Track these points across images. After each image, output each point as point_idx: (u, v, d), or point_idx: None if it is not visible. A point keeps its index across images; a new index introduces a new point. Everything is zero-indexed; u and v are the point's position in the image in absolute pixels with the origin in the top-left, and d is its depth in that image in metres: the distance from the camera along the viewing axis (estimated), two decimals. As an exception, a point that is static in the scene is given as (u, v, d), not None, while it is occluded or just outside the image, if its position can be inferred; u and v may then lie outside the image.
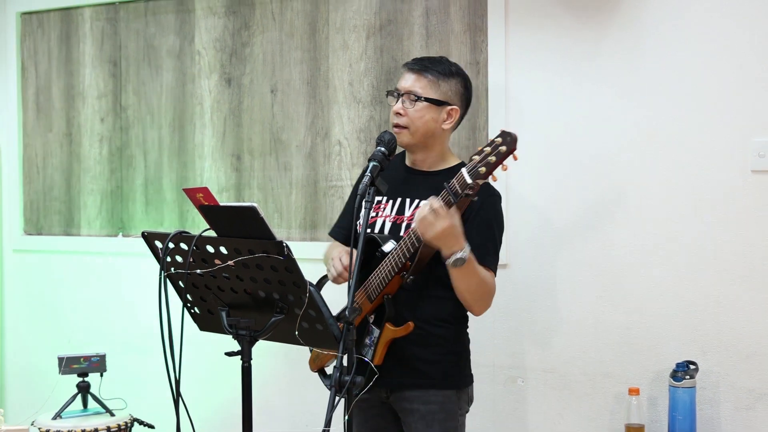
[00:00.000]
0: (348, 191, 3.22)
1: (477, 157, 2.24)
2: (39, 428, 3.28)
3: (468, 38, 3.20)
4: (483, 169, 2.22)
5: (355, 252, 2.36)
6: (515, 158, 2.24)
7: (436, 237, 2.28)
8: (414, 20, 3.29)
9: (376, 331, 2.44)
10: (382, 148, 2.37)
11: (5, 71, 4.14)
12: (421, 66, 2.53)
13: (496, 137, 2.23)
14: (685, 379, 2.65)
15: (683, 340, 2.85)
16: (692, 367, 2.67)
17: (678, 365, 2.68)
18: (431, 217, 2.27)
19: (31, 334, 4.12)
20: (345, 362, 2.27)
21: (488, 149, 2.22)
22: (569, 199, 3.03)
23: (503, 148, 2.21)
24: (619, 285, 2.96)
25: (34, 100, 4.14)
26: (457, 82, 2.55)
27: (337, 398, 2.07)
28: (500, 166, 2.25)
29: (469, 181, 2.23)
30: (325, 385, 2.29)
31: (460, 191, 2.24)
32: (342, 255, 2.53)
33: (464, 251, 2.30)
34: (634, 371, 2.91)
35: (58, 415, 3.32)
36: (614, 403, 2.94)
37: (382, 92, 3.25)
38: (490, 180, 2.31)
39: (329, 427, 2.02)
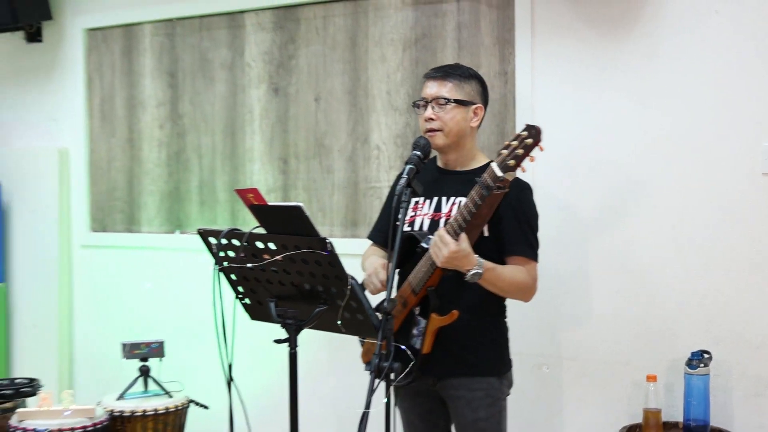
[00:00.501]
0: (385, 192, 3.22)
1: (505, 151, 2.21)
2: (104, 408, 3.27)
3: (497, 50, 3.19)
4: (512, 162, 2.20)
5: (389, 250, 2.31)
6: (541, 149, 2.22)
7: (446, 262, 2.27)
8: (447, 34, 3.29)
9: (423, 322, 2.43)
10: (418, 152, 2.37)
11: (73, 82, 4.18)
12: (443, 73, 2.52)
13: (522, 131, 2.21)
14: (699, 367, 2.64)
15: (697, 331, 2.83)
16: (706, 356, 2.66)
17: (693, 354, 2.67)
18: (438, 245, 2.27)
19: (97, 323, 4.15)
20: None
21: (515, 143, 2.20)
22: (590, 200, 3.03)
23: (530, 140, 2.18)
24: (636, 280, 2.95)
25: (99, 108, 4.16)
26: (476, 83, 2.54)
27: (376, 382, 2.06)
28: (527, 156, 2.22)
29: (499, 174, 2.20)
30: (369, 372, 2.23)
31: (492, 184, 2.21)
32: (378, 272, 2.50)
33: (476, 268, 2.29)
34: (651, 359, 2.90)
35: (121, 396, 3.34)
36: (633, 389, 2.93)
37: (417, 101, 3.25)
38: (519, 172, 2.27)
39: (369, 408, 2.01)
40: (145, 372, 3.40)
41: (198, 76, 3.89)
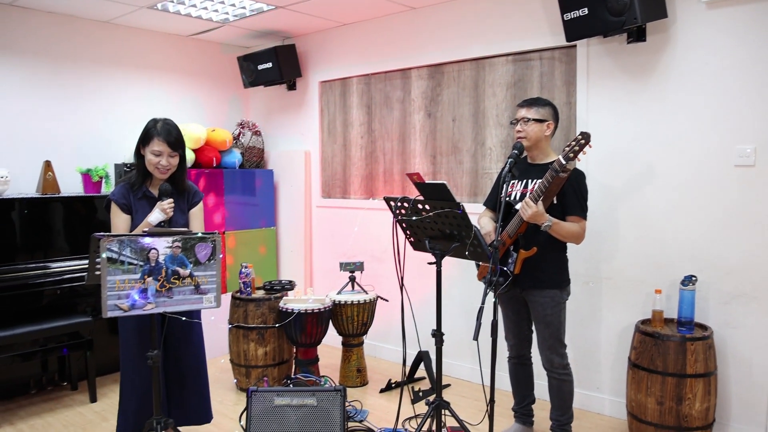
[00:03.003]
0: (495, 176, 3.38)
1: (567, 148, 2.26)
2: (330, 299, 3.46)
3: (565, 89, 3.22)
4: (572, 154, 2.23)
5: (497, 211, 2.45)
6: (590, 146, 2.27)
7: (530, 218, 2.35)
8: (534, 79, 3.33)
9: (515, 255, 2.47)
10: (515, 151, 2.41)
11: (312, 112, 4.42)
12: (528, 103, 2.54)
13: (578, 135, 2.27)
14: (689, 285, 2.67)
15: (689, 262, 2.84)
16: (694, 278, 2.70)
17: (685, 277, 2.71)
18: (525, 207, 2.35)
19: (326, 250, 4.39)
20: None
21: (573, 142, 2.26)
22: (621, 180, 3.02)
23: (582, 141, 2.24)
24: (649, 230, 2.95)
25: (327, 127, 4.38)
26: (550, 108, 2.53)
27: (487, 289, 2.13)
28: (581, 151, 2.26)
29: (563, 161, 2.24)
30: (483, 283, 2.28)
31: (559, 169, 2.27)
32: (492, 233, 2.46)
33: (548, 222, 2.33)
34: (658, 279, 2.93)
35: (339, 292, 3.56)
36: (646, 297, 2.97)
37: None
38: (576, 162, 2.24)
39: (483, 304, 2.08)
40: (352, 279, 3.60)
41: (383, 106, 4.02)
